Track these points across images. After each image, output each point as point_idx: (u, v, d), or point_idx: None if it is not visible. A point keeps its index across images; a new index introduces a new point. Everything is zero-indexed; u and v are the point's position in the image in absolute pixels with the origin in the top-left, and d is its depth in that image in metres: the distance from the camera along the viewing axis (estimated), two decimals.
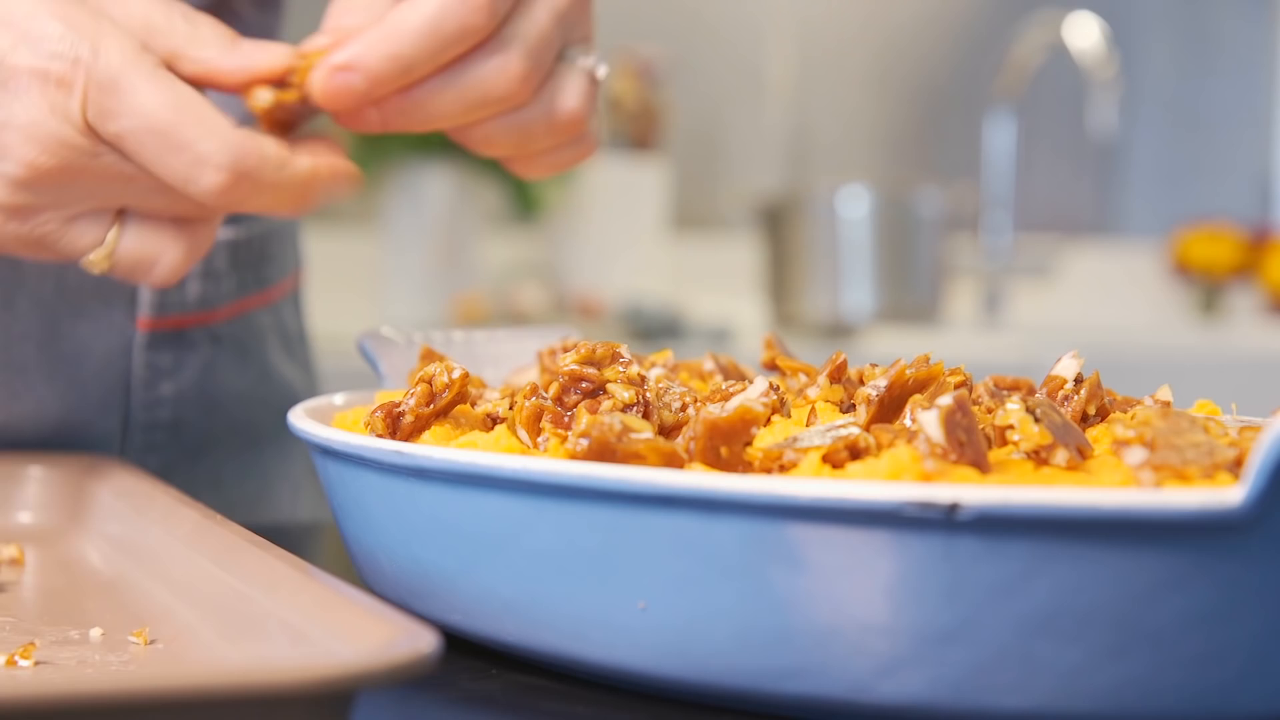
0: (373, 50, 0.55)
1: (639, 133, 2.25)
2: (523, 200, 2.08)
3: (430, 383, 0.51)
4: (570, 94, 0.59)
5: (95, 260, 0.57)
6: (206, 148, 0.53)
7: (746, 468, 0.44)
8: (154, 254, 0.57)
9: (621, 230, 2.21)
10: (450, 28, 0.55)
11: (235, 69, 0.56)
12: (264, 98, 0.56)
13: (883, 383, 0.47)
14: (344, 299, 2.18)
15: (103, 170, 0.54)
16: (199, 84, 0.56)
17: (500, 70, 0.57)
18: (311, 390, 0.87)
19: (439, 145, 2.01)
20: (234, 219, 0.78)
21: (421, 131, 0.58)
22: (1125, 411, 0.50)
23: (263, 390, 0.81)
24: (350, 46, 0.55)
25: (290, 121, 0.57)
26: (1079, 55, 2.40)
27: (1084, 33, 2.39)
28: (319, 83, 0.55)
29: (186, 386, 0.76)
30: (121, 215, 0.57)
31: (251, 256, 0.79)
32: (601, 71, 0.61)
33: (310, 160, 0.56)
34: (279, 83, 0.57)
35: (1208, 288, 2.76)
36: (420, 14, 0.55)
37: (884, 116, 2.65)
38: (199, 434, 0.77)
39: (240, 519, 0.53)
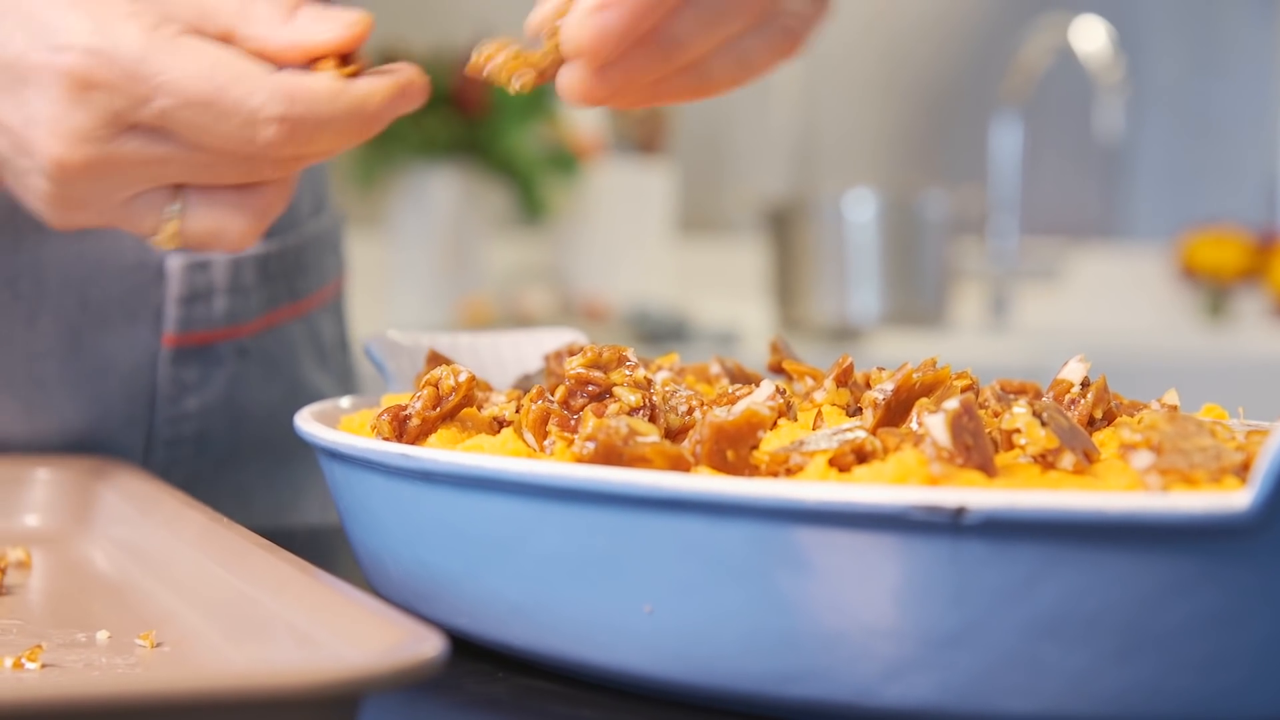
0: None
1: (645, 136, 2.25)
2: (529, 203, 2.08)
3: (437, 386, 0.51)
4: (796, 9, 0.56)
5: (161, 240, 0.55)
6: (255, 103, 0.51)
7: (753, 471, 0.44)
8: (219, 226, 0.55)
9: (627, 233, 2.21)
10: None
11: (285, 46, 0.53)
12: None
13: (889, 386, 0.47)
14: (350, 302, 2.18)
15: (134, 158, 0.53)
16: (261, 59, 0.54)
17: None
18: None
19: (444, 149, 2.01)
20: (268, 232, 0.76)
21: (647, 94, 0.54)
22: (1132, 415, 0.50)
23: (293, 403, 0.79)
24: None
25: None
26: (1085, 59, 2.40)
27: (1090, 36, 2.39)
28: (574, 35, 0.51)
29: (212, 400, 0.75)
30: (181, 190, 0.55)
31: (284, 269, 0.78)
32: None
33: (366, 83, 0.53)
34: (342, 57, 0.54)
35: (1214, 291, 2.76)
36: None
37: (890, 120, 2.65)
38: (224, 447, 0.77)
39: (265, 528, 0.53)
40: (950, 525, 0.37)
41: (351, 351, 0.91)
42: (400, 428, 0.50)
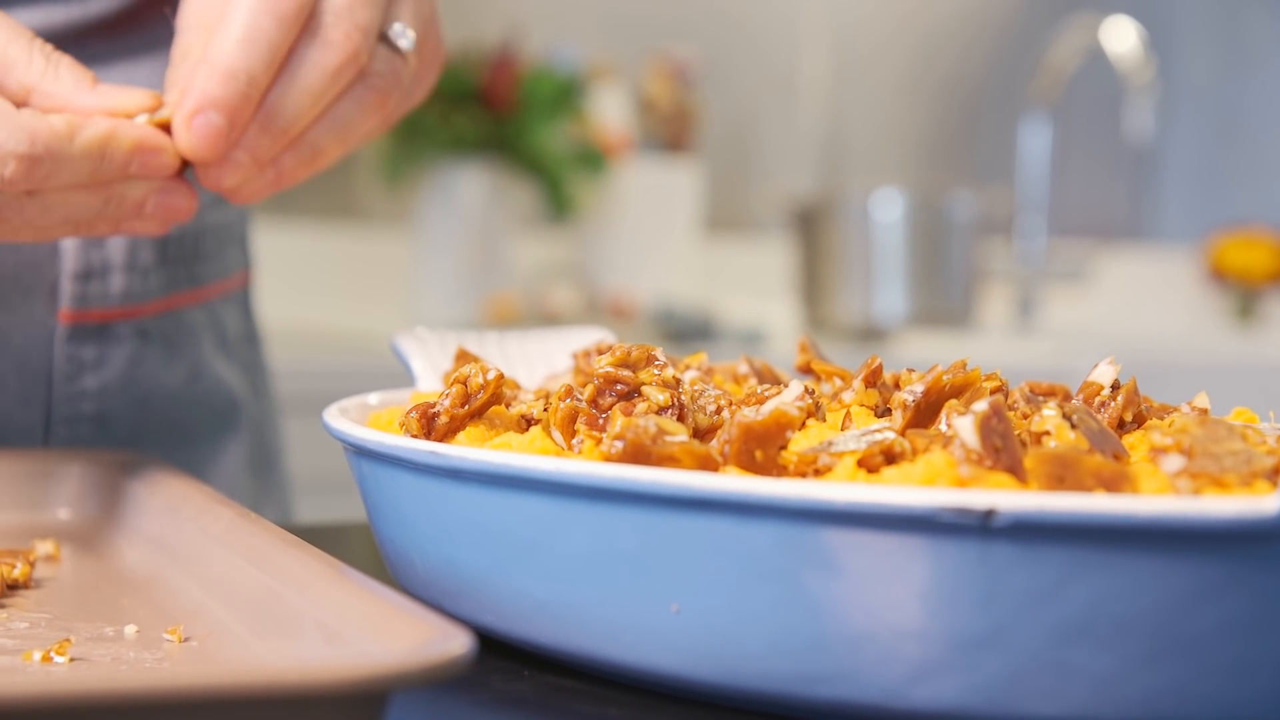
0: (212, 79, 0.56)
1: (672, 134, 2.24)
2: (555, 201, 2.08)
3: (465, 383, 0.51)
4: (380, 69, 0.61)
5: None
6: None
7: (781, 471, 0.44)
8: None
9: (654, 231, 2.21)
10: (266, 23, 0.57)
11: (89, 106, 0.56)
12: None
13: (919, 388, 0.46)
14: (377, 299, 2.19)
15: None
16: None
17: (327, 45, 0.58)
18: (251, 395, 0.86)
19: (472, 146, 2.02)
20: None
21: (280, 166, 0.59)
22: (1162, 418, 0.49)
23: (196, 389, 0.80)
24: (193, 89, 0.56)
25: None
26: (1116, 59, 2.39)
27: (1121, 36, 2.38)
28: (184, 138, 0.56)
29: (111, 380, 0.75)
30: None
31: (183, 253, 0.78)
32: (404, 42, 0.61)
33: (106, 123, 0.56)
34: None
35: (1244, 294, 2.74)
36: (236, 24, 0.57)
37: (918, 119, 2.64)
38: (126, 429, 0.76)
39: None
40: (979, 527, 0.37)
41: (261, 346, 0.90)
42: (429, 425, 0.50)
